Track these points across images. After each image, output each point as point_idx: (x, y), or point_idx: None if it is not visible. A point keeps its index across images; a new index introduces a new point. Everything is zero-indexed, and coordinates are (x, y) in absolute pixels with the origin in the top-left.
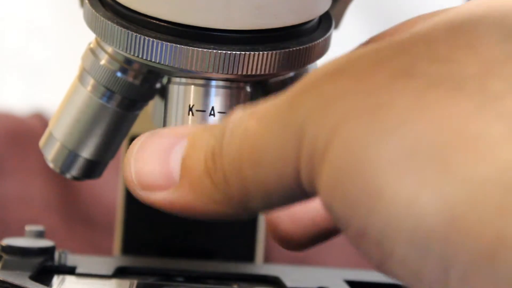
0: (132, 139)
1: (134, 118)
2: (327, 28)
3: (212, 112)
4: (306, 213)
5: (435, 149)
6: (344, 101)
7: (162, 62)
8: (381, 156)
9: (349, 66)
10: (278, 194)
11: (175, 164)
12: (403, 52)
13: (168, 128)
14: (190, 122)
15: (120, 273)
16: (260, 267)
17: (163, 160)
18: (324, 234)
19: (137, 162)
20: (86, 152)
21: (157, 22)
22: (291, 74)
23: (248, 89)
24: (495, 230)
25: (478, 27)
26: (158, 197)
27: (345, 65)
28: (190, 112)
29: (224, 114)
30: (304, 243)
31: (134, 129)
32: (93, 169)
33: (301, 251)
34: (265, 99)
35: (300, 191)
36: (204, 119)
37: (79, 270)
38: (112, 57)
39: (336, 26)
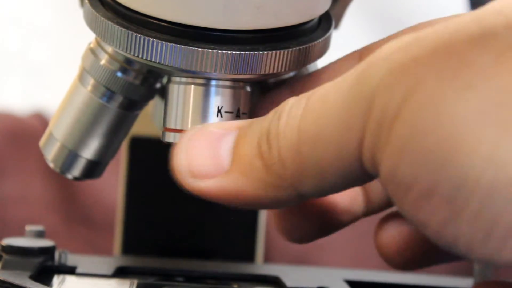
0: (132, 139)
1: (134, 118)
2: (327, 28)
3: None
4: (312, 205)
5: None
6: (420, 65)
7: (162, 62)
8: (462, 109)
9: (421, 37)
10: (334, 174)
11: (225, 152)
12: (478, 20)
13: (218, 122)
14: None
15: (120, 273)
16: (260, 267)
17: (213, 148)
18: (329, 227)
19: (188, 150)
20: (86, 152)
21: (157, 22)
22: (291, 74)
23: (248, 88)
24: None
25: None
26: (207, 184)
27: (418, 37)
28: (218, 113)
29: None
30: (308, 236)
31: (134, 129)
32: (93, 169)
33: (303, 244)
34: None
35: (357, 171)
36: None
37: (79, 270)
38: (112, 57)
39: (336, 26)
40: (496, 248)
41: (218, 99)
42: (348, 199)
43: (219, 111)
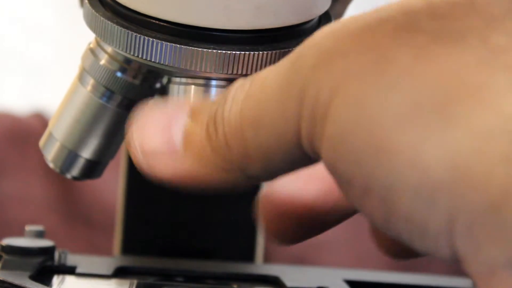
0: None
1: None
2: None
3: None
4: (297, 205)
5: (439, 101)
6: (346, 58)
7: (162, 62)
8: (384, 110)
9: (349, 24)
10: (279, 158)
11: (177, 132)
12: (403, 11)
13: (170, 101)
14: None
15: (120, 273)
16: (260, 267)
17: (165, 127)
18: (318, 227)
19: (139, 129)
20: (86, 152)
21: (157, 22)
22: None
23: None
24: (501, 180)
25: None
26: (161, 166)
27: (346, 24)
28: None
29: None
30: (297, 237)
31: None
32: (93, 169)
33: (293, 245)
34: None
35: (301, 155)
36: None
37: (79, 270)
38: (112, 57)
39: None
40: (433, 247)
41: None
42: (334, 197)
43: None
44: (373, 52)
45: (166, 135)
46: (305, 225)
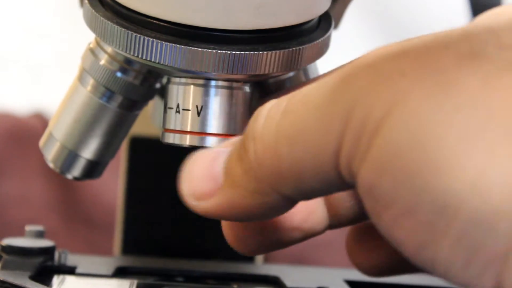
0: (132, 139)
1: (134, 118)
2: (327, 28)
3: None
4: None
5: (507, 128)
6: (405, 78)
7: (162, 62)
8: (448, 130)
9: (410, 47)
10: (312, 177)
11: (219, 170)
12: (468, 38)
13: (217, 144)
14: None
15: (120, 273)
16: (260, 267)
17: (210, 168)
18: (278, 243)
19: (187, 173)
20: (86, 152)
21: (157, 22)
22: (291, 74)
23: (248, 89)
24: None
25: None
26: (208, 204)
27: (406, 47)
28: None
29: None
30: (257, 249)
31: (134, 129)
32: (93, 169)
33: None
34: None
35: (335, 176)
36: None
37: (79, 270)
38: (112, 57)
39: (336, 26)
40: (475, 276)
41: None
42: (300, 216)
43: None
44: (437, 73)
45: (211, 176)
46: (266, 239)
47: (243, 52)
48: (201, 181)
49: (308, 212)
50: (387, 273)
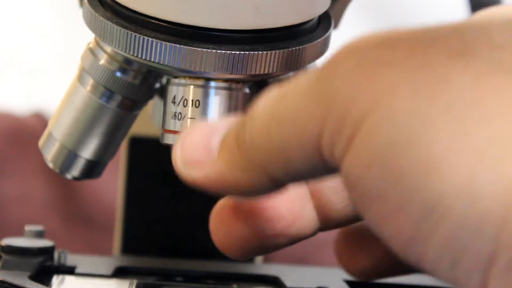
0: (132, 139)
1: (134, 118)
2: (327, 28)
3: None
4: (248, 224)
5: (499, 131)
6: (394, 69)
7: (161, 62)
8: (440, 131)
9: (400, 38)
10: (298, 159)
11: (215, 141)
12: (460, 34)
13: (218, 118)
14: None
15: (119, 273)
16: (260, 267)
17: (206, 139)
18: (264, 248)
19: (184, 139)
20: (86, 152)
21: (157, 22)
22: (290, 74)
23: (247, 89)
24: None
25: None
26: (198, 173)
27: (396, 37)
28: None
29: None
30: (243, 253)
31: (133, 129)
32: (92, 169)
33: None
34: None
35: (320, 159)
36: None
37: (78, 270)
38: (111, 57)
39: (335, 26)
40: (461, 277)
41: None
42: (284, 223)
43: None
44: (427, 69)
45: (206, 147)
46: (249, 245)
47: (243, 52)
48: (196, 149)
49: (293, 218)
50: (375, 276)
